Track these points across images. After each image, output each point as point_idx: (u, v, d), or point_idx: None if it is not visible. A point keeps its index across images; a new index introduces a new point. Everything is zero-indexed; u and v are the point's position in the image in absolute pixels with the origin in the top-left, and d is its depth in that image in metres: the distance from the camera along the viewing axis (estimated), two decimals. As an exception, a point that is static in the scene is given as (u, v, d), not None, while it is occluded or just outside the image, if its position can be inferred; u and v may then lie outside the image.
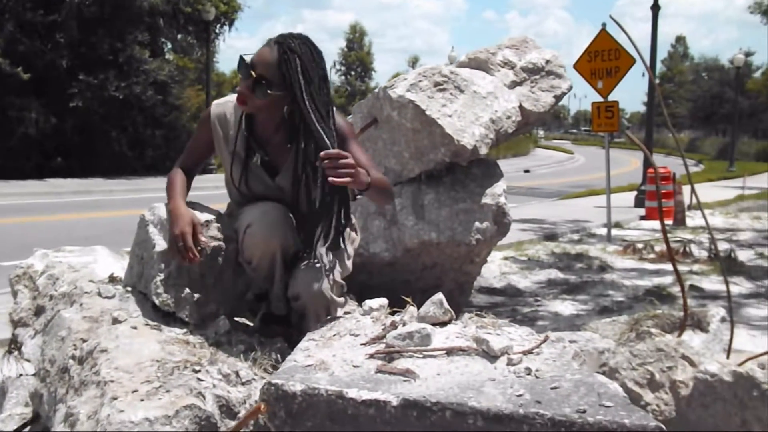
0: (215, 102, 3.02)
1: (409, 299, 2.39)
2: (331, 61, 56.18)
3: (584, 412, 1.67)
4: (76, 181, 18.78)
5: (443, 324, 2.26)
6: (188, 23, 23.20)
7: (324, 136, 2.61)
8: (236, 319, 3.02)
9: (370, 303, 2.45)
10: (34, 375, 2.85)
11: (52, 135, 19.91)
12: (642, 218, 13.60)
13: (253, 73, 2.67)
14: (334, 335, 2.28)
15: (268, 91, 2.67)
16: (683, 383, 3.01)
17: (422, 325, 2.13)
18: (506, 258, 8.77)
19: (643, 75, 18.32)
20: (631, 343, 3.28)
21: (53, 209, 13.32)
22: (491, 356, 2.01)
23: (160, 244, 2.77)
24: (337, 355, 2.12)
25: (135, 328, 2.56)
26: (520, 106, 3.70)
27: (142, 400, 2.09)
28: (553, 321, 5.95)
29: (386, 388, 1.88)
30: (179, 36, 24.17)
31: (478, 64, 3.89)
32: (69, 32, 19.97)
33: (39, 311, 3.19)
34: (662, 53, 76.12)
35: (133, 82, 20.78)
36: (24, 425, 2.79)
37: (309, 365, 2.05)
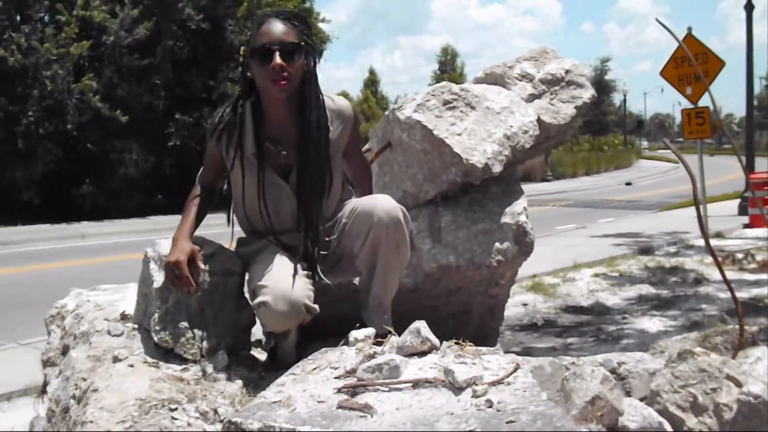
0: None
1: (390, 329, 2.28)
2: (426, 85, 56.56)
3: (529, 449, 1.54)
4: (177, 217, 19.18)
5: (423, 354, 2.15)
6: (277, 57, 23.64)
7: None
8: (251, 352, 2.96)
9: (355, 333, 2.35)
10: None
11: (152, 174, 20.60)
12: (746, 226, 12.96)
13: (286, 40, 2.61)
14: (314, 369, 2.20)
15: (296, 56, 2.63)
16: (727, 406, 2.79)
17: (392, 356, 2.02)
18: (596, 275, 8.52)
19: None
20: (673, 363, 3.07)
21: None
22: (457, 388, 1.89)
23: (158, 280, 2.76)
24: (307, 390, 2.04)
25: (132, 366, 2.55)
26: (539, 120, 3.54)
27: (111, 441, 2.07)
28: (638, 339, 5.69)
29: (340, 425, 1.78)
30: (269, 70, 24.70)
31: (495, 79, 3.75)
32: (164, 74, 20.73)
33: (65, 350, 3.23)
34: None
35: (226, 118, 21.27)
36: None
37: (275, 401, 1.98)
